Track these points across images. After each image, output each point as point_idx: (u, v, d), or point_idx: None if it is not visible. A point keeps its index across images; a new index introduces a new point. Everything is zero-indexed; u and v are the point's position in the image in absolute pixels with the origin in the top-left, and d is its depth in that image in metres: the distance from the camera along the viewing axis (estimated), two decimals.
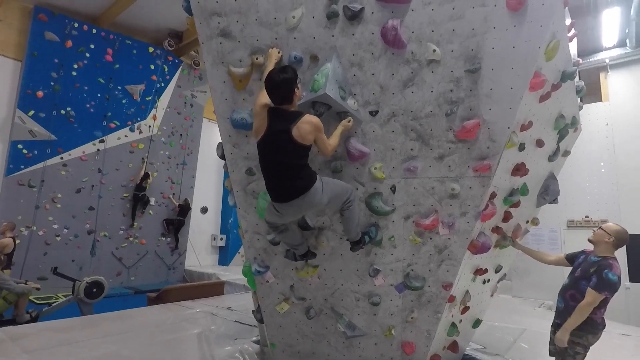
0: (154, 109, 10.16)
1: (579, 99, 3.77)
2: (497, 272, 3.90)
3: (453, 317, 3.44)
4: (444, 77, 2.68)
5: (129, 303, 7.29)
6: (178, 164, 10.69)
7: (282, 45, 2.79)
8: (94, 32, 9.10)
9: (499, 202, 3.14)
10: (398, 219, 2.98)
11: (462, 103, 2.69)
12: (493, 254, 3.57)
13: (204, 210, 11.87)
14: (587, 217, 8.32)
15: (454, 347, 3.68)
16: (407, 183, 2.91)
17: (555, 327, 3.00)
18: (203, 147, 11.32)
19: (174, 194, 10.55)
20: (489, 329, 5.13)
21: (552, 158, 3.69)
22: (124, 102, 9.59)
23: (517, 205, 3.39)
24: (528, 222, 4.07)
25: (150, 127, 10.02)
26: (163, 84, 10.39)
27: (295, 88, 2.49)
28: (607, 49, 8.78)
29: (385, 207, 2.94)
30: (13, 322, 5.70)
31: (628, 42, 8.41)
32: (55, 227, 8.38)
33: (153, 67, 10.14)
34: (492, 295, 4.28)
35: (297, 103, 2.59)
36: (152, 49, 10.13)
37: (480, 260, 3.39)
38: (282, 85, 2.44)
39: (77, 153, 8.76)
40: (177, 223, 10.43)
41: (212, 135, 11.40)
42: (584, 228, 8.02)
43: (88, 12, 9.17)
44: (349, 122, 2.72)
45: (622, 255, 7.19)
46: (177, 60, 10.73)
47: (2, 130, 8.00)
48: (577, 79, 3.50)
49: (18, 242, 6.84)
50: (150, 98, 10.07)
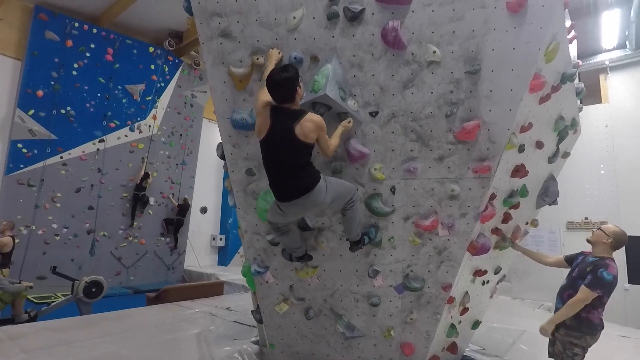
0: (154, 109, 10.17)
1: (579, 101, 3.78)
2: (496, 273, 3.90)
3: (452, 318, 3.43)
4: (444, 78, 2.68)
5: (128, 303, 7.26)
6: (178, 164, 10.69)
7: (282, 46, 2.79)
8: (95, 31, 9.10)
9: (499, 203, 3.14)
10: (398, 220, 2.98)
11: (462, 104, 2.69)
12: (492, 255, 3.57)
13: (204, 211, 11.88)
14: (586, 218, 8.33)
15: (453, 348, 3.68)
16: (406, 184, 2.91)
17: (555, 327, 3.00)
18: (203, 147, 11.32)
19: (174, 194, 10.55)
20: (488, 331, 5.12)
21: (551, 159, 3.69)
22: (124, 101, 9.60)
23: (516, 207, 3.38)
24: (527, 223, 4.07)
25: (150, 127, 10.02)
26: (163, 84, 10.40)
27: (297, 87, 2.48)
28: (607, 51, 8.80)
29: (385, 208, 2.94)
30: (12, 321, 5.69)
31: (628, 44, 8.42)
32: (55, 226, 8.38)
33: (153, 67, 10.15)
34: (491, 297, 4.28)
35: (299, 102, 2.59)
36: (152, 49, 10.14)
37: (480, 262, 3.39)
38: (283, 84, 2.43)
39: (76, 152, 8.77)
40: (176, 222, 10.43)
41: (212, 136, 11.41)
42: (584, 229, 8.03)
43: (88, 11, 9.18)
44: (349, 122, 2.71)
45: (621, 257, 7.19)
46: (177, 60, 10.74)
47: (2, 130, 8.00)
48: (577, 81, 3.51)
49: (17, 241, 6.83)
50: (151, 98, 10.07)
